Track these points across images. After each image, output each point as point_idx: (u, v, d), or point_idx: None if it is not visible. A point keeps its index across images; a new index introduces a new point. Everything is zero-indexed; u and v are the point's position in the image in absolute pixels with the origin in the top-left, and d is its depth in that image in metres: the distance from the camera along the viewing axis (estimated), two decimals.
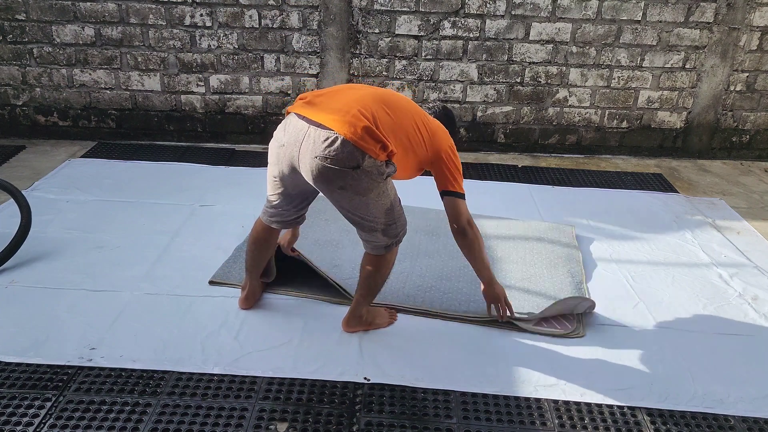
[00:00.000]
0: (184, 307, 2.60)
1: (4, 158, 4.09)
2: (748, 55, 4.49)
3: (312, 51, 4.33)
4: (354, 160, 2.02)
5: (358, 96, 2.13)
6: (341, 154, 2.00)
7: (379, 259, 2.32)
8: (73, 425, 1.98)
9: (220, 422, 2.02)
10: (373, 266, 2.34)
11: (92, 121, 4.49)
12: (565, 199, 3.89)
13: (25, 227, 2.87)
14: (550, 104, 4.56)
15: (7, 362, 2.24)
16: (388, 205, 2.21)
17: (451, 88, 4.47)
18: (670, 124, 4.67)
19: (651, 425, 2.11)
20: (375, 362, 2.33)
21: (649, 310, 2.76)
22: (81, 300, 2.62)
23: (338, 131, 1.99)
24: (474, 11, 4.27)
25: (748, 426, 2.13)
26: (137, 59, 4.32)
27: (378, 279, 2.38)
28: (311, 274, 2.83)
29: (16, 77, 4.34)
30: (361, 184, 2.07)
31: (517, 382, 2.27)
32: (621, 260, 3.18)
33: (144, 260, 2.94)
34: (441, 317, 2.61)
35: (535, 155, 4.66)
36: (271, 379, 2.22)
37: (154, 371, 2.23)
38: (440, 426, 2.06)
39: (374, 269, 2.34)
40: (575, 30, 4.35)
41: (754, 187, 4.26)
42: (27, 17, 4.18)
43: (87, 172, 3.93)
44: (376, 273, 2.35)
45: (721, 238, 3.47)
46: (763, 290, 2.97)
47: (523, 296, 2.77)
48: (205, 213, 3.45)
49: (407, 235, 3.14)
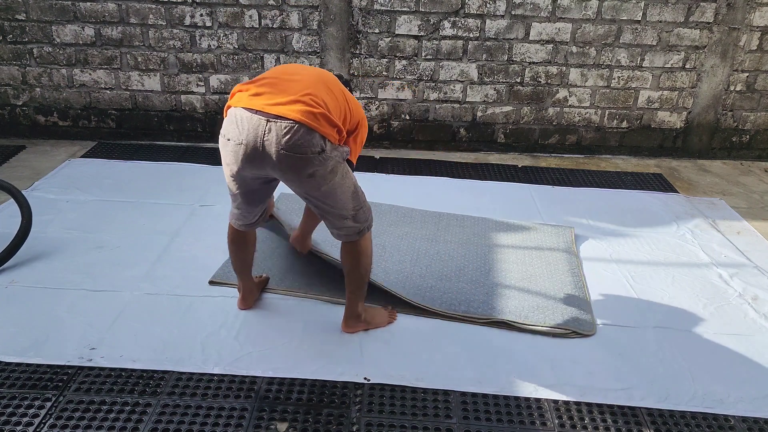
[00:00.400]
0: (184, 307, 2.61)
1: (4, 158, 4.09)
2: (748, 55, 4.49)
3: (312, 51, 4.33)
4: (317, 145, 2.04)
5: (304, 82, 2.11)
6: (306, 141, 2.02)
7: (356, 247, 2.33)
8: (73, 425, 1.98)
9: (220, 422, 2.02)
10: (352, 257, 2.35)
11: (92, 121, 4.49)
12: (565, 199, 3.89)
13: (25, 228, 2.87)
14: (550, 104, 4.56)
15: (7, 362, 2.24)
16: (353, 188, 2.24)
17: (451, 88, 4.47)
18: (670, 124, 4.67)
19: (651, 425, 2.11)
20: (375, 362, 2.33)
21: (649, 310, 2.76)
22: (81, 300, 2.62)
23: (299, 120, 2.00)
24: (474, 11, 4.27)
25: (748, 426, 2.13)
26: (137, 59, 4.32)
27: (361, 270, 2.38)
28: (312, 274, 2.83)
29: (16, 77, 4.34)
30: (327, 167, 2.10)
31: (517, 382, 2.27)
32: (621, 260, 3.18)
33: (144, 260, 2.94)
34: (441, 317, 2.61)
35: (535, 155, 4.66)
36: (271, 379, 2.22)
37: (154, 371, 2.23)
38: (440, 426, 2.06)
39: (354, 260, 2.35)
40: (575, 30, 4.35)
41: (754, 187, 4.26)
42: (27, 17, 4.18)
43: (87, 172, 3.93)
44: (357, 264, 2.36)
45: (721, 238, 3.47)
46: (763, 290, 2.97)
47: (523, 296, 2.77)
48: (205, 213, 3.45)
49: (408, 241, 3.18)
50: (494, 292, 2.78)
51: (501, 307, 2.67)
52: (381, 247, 3.13)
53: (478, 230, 3.37)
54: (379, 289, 2.68)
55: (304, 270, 2.86)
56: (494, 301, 2.71)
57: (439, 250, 3.13)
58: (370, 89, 4.45)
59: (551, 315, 2.63)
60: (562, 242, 3.28)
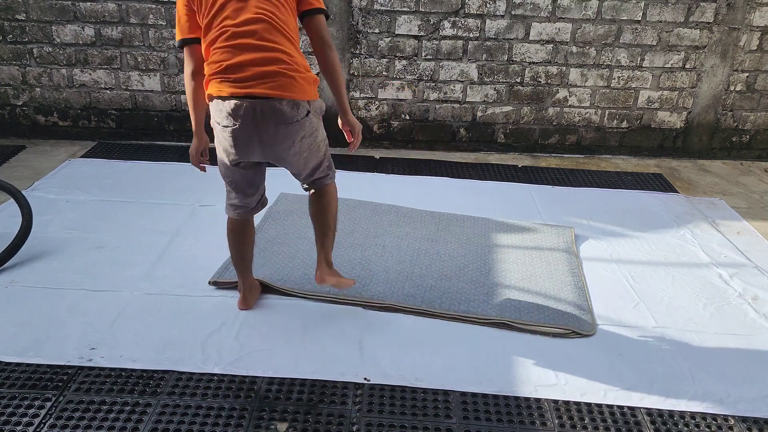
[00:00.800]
0: (184, 307, 2.61)
1: (4, 158, 4.09)
2: (748, 55, 4.49)
3: (312, 51, 4.32)
4: (304, 109, 2.20)
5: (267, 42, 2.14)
6: (296, 111, 2.18)
7: (330, 190, 2.47)
8: (73, 425, 1.98)
9: (220, 422, 2.02)
10: (327, 201, 2.47)
11: (92, 121, 4.49)
12: (565, 199, 3.89)
13: (26, 229, 2.87)
14: (550, 104, 4.56)
15: (7, 362, 2.24)
16: (325, 135, 2.39)
17: (451, 88, 4.47)
18: (670, 124, 4.67)
19: (651, 425, 2.11)
20: (375, 362, 2.33)
21: (649, 310, 2.76)
22: (81, 300, 2.62)
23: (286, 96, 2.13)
24: (474, 11, 4.27)
25: (748, 426, 2.13)
26: (137, 59, 4.32)
27: (334, 214, 2.51)
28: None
29: (16, 77, 4.34)
30: (313, 124, 2.27)
31: (517, 382, 2.27)
32: (621, 260, 3.18)
33: (144, 260, 2.94)
34: (441, 317, 2.61)
35: (535, 155, 4.66)
36: (271, 379, 2.22)
37: (154, 371, 2.23)
38: (440, 426, 2.06)
39: (329, 204, 2.48)
40: (575, 30, 4.35)
41: (754, 187, 4.26)
42: (27, 17, 4.18)
43: (87, 172, 3.93)
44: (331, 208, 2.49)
45: (721, 238, 3.47)
46: (763, 290, 2.97)
47: (523, 296, 2.77)
48: (205, 213, 3.45)
49: (408, 241, 3.19)
50: (494, 292, 2.78)
51: (501, 307, 2.67)
52: (381, 247, 3.13)
53: (478, 230, 3.37)
54: (382, 291, 2.68)
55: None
56: (494, 301, 2.71)
57: (439, 250, 3.13)
58: (370, 89, 4.45)
59: (551, 315, 2.63)
60: (562, 242, 3.28)
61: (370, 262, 2.97)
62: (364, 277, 2.83)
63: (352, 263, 2.94)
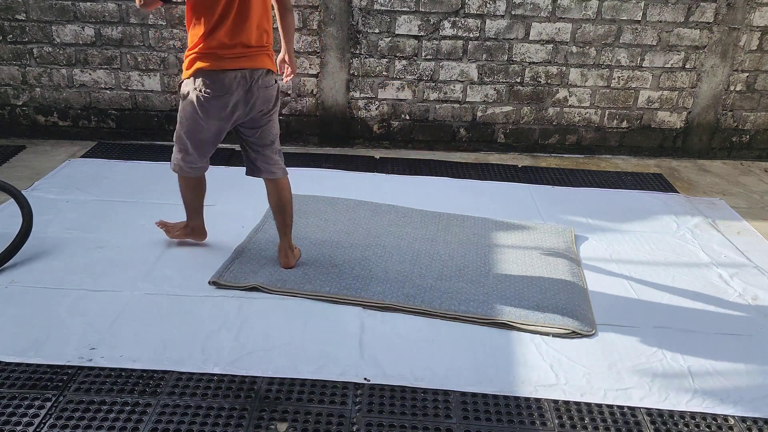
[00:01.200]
0: (184, 307, 2.61)
1: (4, 158, 4.09)
2: (748, 55, 4.49)
3: (312, 51, 4.33)
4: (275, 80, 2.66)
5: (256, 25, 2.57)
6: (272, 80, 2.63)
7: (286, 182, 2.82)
8: (73, 425, 1.98)
9: (220, 422, 2.02)
10: (287, 191, 2.81)
11: (92, 121, 4.49)
12: (565, 199, 3.89)
13: (26, 229, 2.87)
14: (550, 104, 4.56)
15: (7, 362, 2.24)
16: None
17: (451, 88, 4.47)
18: (670, 124, 4.67)
19: (651, 425, 2.11)
20: (375, 362, 2.33)
21: (649, 310, 2.76)
22: (81, 300, 2.62)
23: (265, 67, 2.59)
24: (474, 11, 4.27)
25: (748, 426, 2.14)
26: (137, 59, 4.32)
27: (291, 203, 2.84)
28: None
29: (16, 77, 4.34)
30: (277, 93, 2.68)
31: (517, 382, 2.27)
32: (621, 260, 3.18)
33: (144, 260, 2.94)
34: (441, 317, 2.61)
35: (535, 155, 4.66)
36: (271, 379, 2.22)
37: (154, 371, 2.23)
38: (440, 426, 2.06)
39: (288, 193, 2.82)
40: (575, 30, 4.35)
41: (754, 187, 4.26)
42: (27, 17, 4.18)
43: (87, 172, 3.93)
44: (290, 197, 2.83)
45: (721, 238, 3.47)
46: (763, 290, 2.97)
47: (523, 296, 2.76)
48: (205, 213, 3.44)
49: (408, 241, 3.19)
50: (494, 292, 2.78)
51: (501, 307, 2.67)
52: (381, 247, 3.13)
53: (478, 230, 3.37)
54: (381, 291, 2.69)
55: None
56: (494, 301, 2.71)
57: (439, 250, 3.13)
58: (370, 89, 4.45)
59: (551, 315, 2.63)
60: (562, 242, 3.28)
61: (370, 262, 2.97)
62: (364, 277, 2.83)
63: (352, 263, 2.94)
